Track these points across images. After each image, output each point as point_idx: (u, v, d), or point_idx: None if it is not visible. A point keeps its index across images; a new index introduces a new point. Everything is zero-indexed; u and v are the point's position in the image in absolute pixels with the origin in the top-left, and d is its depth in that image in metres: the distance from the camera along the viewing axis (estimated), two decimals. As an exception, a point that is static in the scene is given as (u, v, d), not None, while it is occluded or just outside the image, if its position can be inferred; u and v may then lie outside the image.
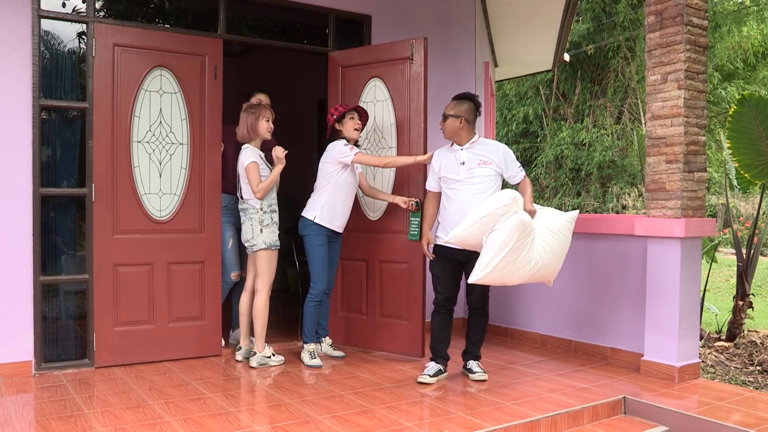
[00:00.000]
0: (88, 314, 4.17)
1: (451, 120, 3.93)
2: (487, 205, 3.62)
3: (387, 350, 4.67)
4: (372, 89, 4.74)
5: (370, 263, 4.74)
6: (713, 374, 4.71)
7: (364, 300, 4.77)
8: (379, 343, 4.70)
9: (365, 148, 4.71)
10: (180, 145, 4.45)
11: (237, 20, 4.73)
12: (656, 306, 4.13)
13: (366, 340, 4.78)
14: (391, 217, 4.63)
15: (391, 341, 4.65)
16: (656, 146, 4.19)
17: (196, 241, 4.49)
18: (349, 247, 4.70)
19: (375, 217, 4.73)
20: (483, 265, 3.56)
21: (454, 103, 3.98)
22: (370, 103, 4.73)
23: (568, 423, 3.41)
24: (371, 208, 4.74)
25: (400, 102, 4.61)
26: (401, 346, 4.60)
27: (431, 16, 5.61)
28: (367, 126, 4.67)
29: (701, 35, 4.12)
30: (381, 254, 4.68)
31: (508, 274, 3.59)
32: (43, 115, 4.08)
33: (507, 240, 3.50)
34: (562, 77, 16.00)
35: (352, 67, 4.84)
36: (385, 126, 4.68)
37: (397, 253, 4.60)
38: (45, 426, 3.11)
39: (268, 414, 3.33)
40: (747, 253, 5.66)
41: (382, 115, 4.69)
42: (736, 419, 3.35)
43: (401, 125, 4.61)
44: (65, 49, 4.17)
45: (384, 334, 4.67)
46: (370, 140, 4.75)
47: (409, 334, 4.55)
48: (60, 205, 4.17)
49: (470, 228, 3.64)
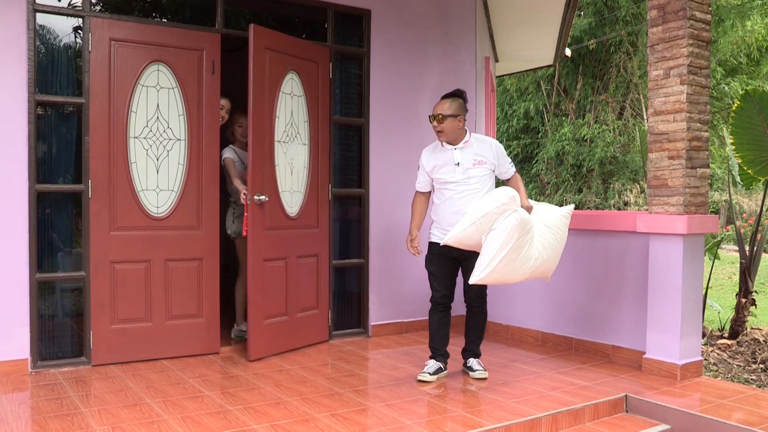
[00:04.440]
0: (84, 312, 4.14)
1: (450, 120, 3.83)
2: (485, 205, 3.57)
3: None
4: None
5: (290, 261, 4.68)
6: (716, 372, 4.68)
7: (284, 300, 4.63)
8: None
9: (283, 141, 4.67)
10: (177, 141, 4.41)
11: (235, 15, 4.68)
12: (658, 303, 4.09)
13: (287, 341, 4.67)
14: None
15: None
16: (658, 142, 4.15)
17: (194, 238, 4.45)
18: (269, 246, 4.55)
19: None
20: (483, 265, 3.52)
21: (449, 101, 3.86)
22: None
23: (569, 421, 3.38)
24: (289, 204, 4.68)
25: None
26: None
27: (431, 10, 5.56)
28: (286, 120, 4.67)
29: (704, 30, 4.08)
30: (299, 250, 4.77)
31: (509, 273, 3.56)
32: (39, 110, 4.04)
33: (507, 239, 3.47)
34: (564, 72, 15.95)
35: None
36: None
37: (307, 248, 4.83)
38: (41, 424, 3.09)
39: (267, 412, 3.30)
40: (750, 250, 5.62)
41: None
42: (739, 417, 3.32)
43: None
44: (61, 44, 4.13)
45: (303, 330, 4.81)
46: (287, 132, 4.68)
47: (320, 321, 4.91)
48: (56, 202, 4.14)
49: (468, 228, 3.59)
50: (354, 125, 5.22)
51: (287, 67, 4.61)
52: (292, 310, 4.68)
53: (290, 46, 4.64)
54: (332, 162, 5.05)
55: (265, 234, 4.42)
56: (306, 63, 4.78)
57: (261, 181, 4.36)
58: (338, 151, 5.14)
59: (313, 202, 4.88)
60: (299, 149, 4.77)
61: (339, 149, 5.15)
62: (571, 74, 15.93)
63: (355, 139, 5.24)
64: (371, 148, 5.22)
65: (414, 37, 5.45)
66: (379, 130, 5.26)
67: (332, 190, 5.06)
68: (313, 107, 4.87)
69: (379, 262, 5.25)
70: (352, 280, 5.26)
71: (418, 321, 5.33)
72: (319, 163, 4.93)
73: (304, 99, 4.80)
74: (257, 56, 4.30)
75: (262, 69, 4.36)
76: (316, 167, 4.91)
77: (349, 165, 5.22)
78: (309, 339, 4.85)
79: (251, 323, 4.30)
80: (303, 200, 4.79)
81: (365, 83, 5.21)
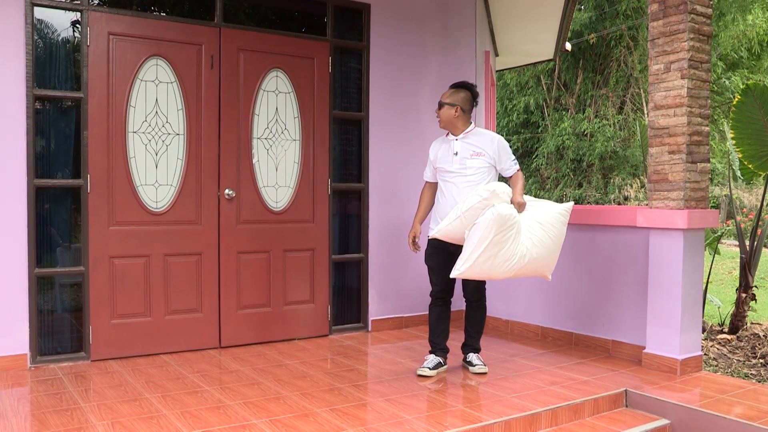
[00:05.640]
0: (84, 307, 4.14)
1: (446, 108, 3.88)
2: (468, 200, 3.60)
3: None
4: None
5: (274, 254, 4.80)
6: (715, 367, 4.68)
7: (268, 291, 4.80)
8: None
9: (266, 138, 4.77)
10: (176, 136, 4.40)
11: (234, 9, 4.66)
12: (658, 298, 4.09)
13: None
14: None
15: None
16: (659, 136, 4.13)
17: (193, 233, 4.45)
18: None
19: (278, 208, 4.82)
20: (463, 259, 3.53)
21: (451, 91, 3.93)
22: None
23: (569, 416, 3.38)
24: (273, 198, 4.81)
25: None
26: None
27: (430, 4, 5.54)
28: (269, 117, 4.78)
29: (705, 24, 4.06)
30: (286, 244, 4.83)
31: (491, 269, 3.54)
32: (37, 105, 4.03)
33: (485, 234, 3.45)
34: (564, 67, 15.91)
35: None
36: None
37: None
38: (41, 419, 3.08)
39: (267, 407, 3.30)
40: (750, 245, 5.61)
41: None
42: (739, 412, 3.32)
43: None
44: (59, 38, 4.11)
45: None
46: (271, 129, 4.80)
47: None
48: (55, 197, 4.12)
49: (454, 222, 3.62)
50: (353, 120, 5.21)
51: (269, 65, 4.72)
52: (276, 302, 4.77)
53: (273, 44, 4.72)
54: (331, 157, 5.04)
55: (238, 228, 4.62)
56: (295, 59, 4.81)
57: (232, 177, 4.57)
58: (337, 145, 5.13)
59: (306, 197, 4.90)
60: (287, 145, 4.82)
61: (338, 144, 5.13)
62: (571, 68, 15.89)
63: (354, 134, 5.23)
64: (371, 142, 5.21)
65: (414, 32, 5.42)
66: (378, 124, 5.24)
67: (331, 185, 5.05)
68: (306, 103, 4.88)
69: (378, 256, 5.24)
70: (352, 275, 5.25)
71: (417, 316, 5.33)
72: (315, 158, 4.93)
73: (294, 95, 4.83)
74: (227, 59, 4.55)
75: (234, 70, 4.58)
76: (309, 162, 4.91)
77: (348, 159, 5.21)
78: (302, 332, 4.88)
79: (224, 311, 4.53)
80: (292, 195, 4.84)
81: (365, 78, 5.19)
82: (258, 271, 4.70)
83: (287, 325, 4.83)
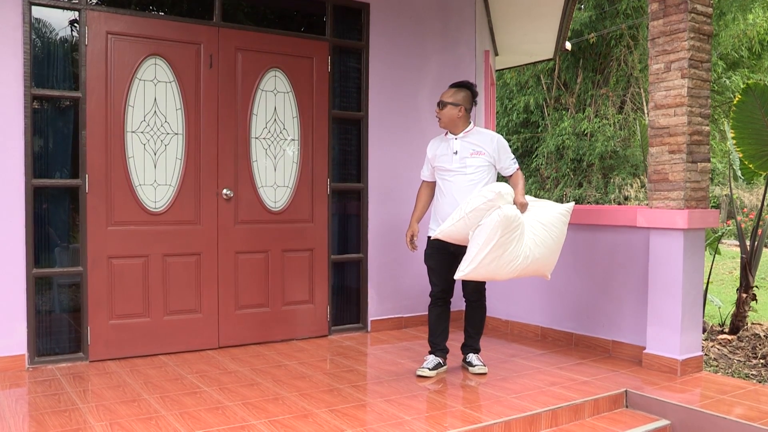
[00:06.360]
0: (82, 307, 4.12)
1: (449, 108, 3.86)
2: (472, 200, 3.58)
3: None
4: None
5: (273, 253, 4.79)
6: (716, 367, 4.67)
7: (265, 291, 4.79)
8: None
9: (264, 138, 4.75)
10: (175, 135, 4.38)
11: (233, 8, 4.65)
12: (658, 298, 4.08)
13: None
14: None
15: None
16: (659, 136, 4.12)
17: (192, 233, 4.44)
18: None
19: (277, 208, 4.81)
20: (468, 260, 3.51)
21: (453, 90, 3.91)
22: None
23: (569, 416, 3.37)
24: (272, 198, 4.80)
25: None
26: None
27: (430, 3, 5.52)
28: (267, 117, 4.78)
29: (706, 23, 4.05)
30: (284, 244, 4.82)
31: (496, 270, 3.53)
32: (35, 104, 4.01)
33: (491, 236, 3.44)
34: (564, 66, 15.90)
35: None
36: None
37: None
38: (39, 420, 3.07)
39: (265, 408, 3.29)
40: (751, 245, 5.60)
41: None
42: (739, 413, 3.31)
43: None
44: (57, 38, 4.09)
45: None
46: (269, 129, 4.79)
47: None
48: (53, 197, 4.11)
49: (457, 223, 3.60)
50: (352, 119, 5.19)
51: (268, 65, 4.69)
52: (275, 302, 4.75)
53: (272, 44, 4.70)
54: (331, 156, 5.03)
55: (237, 228, 4.60)
56: (294, 59, 4.79)
57: (230, 177, 4.56)
58: (336, 145, 5.11)
59: (305, 197, 4.88)
60: (286, 145, 4.80)
61: (337, 143, 5.12)
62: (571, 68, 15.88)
63: (353, 133, 5.22)
64: (370, 142, 5.19)
65: (413, 31, 5.41)
66: (378, 124, 5.23)
67: (330, 185, 5.04)
68: (304, 102, 4.86)
69: (378, 256, 5.23)
70: (351, 275, 5.24)
71: (417, 316, 5.32)
72: (314, 158, 4.91)
73: (292, 95, 4.81)
74: (226, 58, 4.54)
75: (233, 70, 4.55)
76: (308, 162, 4.89)
77: (347, 159, 5.20)
78: (301, 332, 4.87)
79: (223, 311, 4.52)
80: (290, 195, 4.82)
81: (364, 77, 5.18)
82: (257, 272, 4.69)
83: (286, 325, 4.81)
